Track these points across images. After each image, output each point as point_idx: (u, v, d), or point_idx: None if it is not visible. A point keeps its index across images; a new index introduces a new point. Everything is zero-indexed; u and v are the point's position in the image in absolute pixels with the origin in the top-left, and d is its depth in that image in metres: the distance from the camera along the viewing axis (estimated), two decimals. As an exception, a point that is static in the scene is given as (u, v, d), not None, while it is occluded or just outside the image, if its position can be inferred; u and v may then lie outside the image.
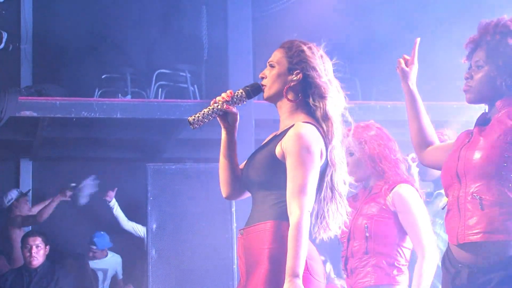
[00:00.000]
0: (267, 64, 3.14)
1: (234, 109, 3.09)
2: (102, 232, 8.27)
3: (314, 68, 3.05)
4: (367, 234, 3.82)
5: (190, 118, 3.03)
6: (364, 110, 7.15)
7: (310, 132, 2.96)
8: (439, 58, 6.72)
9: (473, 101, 3.14)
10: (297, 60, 3.07)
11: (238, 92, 3.07)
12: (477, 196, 2.95)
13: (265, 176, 3.01)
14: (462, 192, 3.01)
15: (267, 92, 3.11)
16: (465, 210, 2.98)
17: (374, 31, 8.19)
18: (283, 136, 3.00)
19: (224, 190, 3.21)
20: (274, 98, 3.12)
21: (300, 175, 2.89)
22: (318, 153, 2.95)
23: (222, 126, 3.12)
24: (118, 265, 8.39)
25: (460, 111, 7.06)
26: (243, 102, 3.09)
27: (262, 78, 3.14)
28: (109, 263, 8.32)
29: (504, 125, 2.99)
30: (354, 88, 8.01)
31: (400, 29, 7.88)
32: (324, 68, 3.07)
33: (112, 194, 8.31)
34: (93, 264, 8.14)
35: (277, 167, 2.98)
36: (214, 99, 3.08)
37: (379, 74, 8.00)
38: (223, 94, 3.07)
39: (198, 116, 3.03)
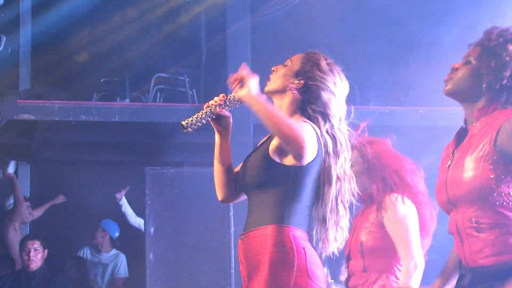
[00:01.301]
0: (285, 61, 3.15)
1: (227, 113, 3.09)
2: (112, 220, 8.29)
3: (322, 83, 3.04)
4: (363, 251, 3.80)
5: (184, 122, 3.04)
6: (362, 115, 7.14)
7: (305, 126, 2.93)
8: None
9: (450, 93, 3.07)
10: (309, 69, 3.07)
11: (230, 96, 3.08)
12: (474, 220, 2.91)
13: (259, 177, 3.00)
14: (459, 216, 2.97)
15: (267, 86, 3.14)
16: (467, 235, 2.94)
17: (372, 35, 8.21)
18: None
19: (219, 193, 3.20)
20: (272, 94, 3.13)
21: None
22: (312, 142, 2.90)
23: (215, 130, 3.12)
24: (120, 262, 8.28)
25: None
26: (236, 105, 3.08)
27: (273, 71, 3.16)
28: (110, 258, 8.25)
29: (482, 139, 2.93)
30: (352, 93, 8.01)
31: (399, 34, 7.90)
32: (334, 88, 3.06)
33: (122, 192, 8.32)
34: (94, 258, 8.11)
35: (271, 166, 2.96)
36: (207, 103, 3.09)
37: (378, 79, 8.01)
38: (216, 98, 3.08)
39: (192, 120, 3.04)
